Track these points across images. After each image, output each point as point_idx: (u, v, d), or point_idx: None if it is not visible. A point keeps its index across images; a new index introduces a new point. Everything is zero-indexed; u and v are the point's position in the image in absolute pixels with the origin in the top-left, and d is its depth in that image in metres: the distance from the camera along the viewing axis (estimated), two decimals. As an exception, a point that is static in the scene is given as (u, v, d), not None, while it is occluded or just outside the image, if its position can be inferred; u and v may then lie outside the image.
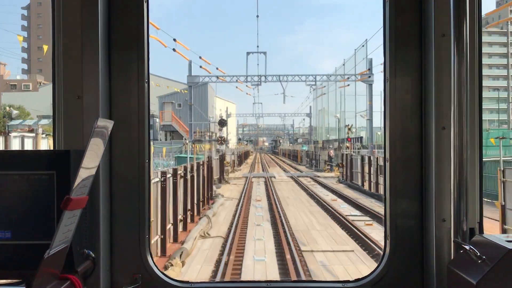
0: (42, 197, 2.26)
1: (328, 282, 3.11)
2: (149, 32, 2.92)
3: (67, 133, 2.68)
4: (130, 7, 2.83)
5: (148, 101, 2.88)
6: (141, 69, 2.84)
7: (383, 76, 2.92)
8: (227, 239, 16.53)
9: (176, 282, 2.87)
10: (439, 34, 2.67)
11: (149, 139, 2.90)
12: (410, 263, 2.83)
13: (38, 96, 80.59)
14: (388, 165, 2.85)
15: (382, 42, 2.95)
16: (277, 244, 15.72)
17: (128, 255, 2.83)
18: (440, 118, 2.68)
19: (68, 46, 2.68)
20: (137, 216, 2.84)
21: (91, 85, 2.68)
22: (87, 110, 2.67)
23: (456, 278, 2.40)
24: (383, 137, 2.96)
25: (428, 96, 2.75)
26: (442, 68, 2.66)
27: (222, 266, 13.16)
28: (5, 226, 2.25)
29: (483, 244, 2.35)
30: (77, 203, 2.02)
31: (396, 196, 2.83)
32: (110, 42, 2.82)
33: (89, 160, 2.06)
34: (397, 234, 2.83)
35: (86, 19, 2.67)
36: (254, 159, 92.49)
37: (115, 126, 2.72)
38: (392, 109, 2.83)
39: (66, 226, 2.00)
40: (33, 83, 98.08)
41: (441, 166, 2.67)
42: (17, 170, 2.27)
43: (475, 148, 2.68)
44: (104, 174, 2.74)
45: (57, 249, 1.97)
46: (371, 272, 2.90)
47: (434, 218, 2.68)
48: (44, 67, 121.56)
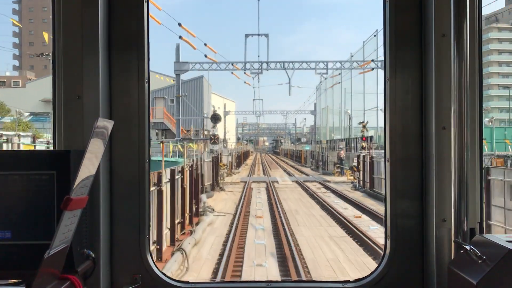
0: (42, 197, 2.26)
1: (329, 282, 3.11)
2: (149, 32, 2.92)
3: (67, 133, 2.68)
4: (130, 7, 2.83)
5: (149, 101, 2.88)
6: (141, 69, 2.84)
7: (383, 76, 2.92)
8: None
9: (176, 282, 2.87)
10: (439, 34, 2.67)
11: (149, 139, 2.90)
12: (411, 263, 2.83)
13: (25, 92, 77.99)
14: (389, 165, 2.85)
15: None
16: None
17: (128, 255, 2.83)
18: (441, 118, 2.68)
19: (68, 46, 2.68)
20: (137, 216, 2.83)
21: (91, 85, 2.67)
22: (87, 110, 2.67)
23: (456, 278, 2.40)
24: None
25: (429, 96, 2.75)
26: (442, 68, 2.66)
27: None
28: (5, 226, 2.25)
29: (484, 244, 2.35)
30: (77, 203, 2.02)
31: (396, 196, 2.83)
32: (110, 42, 2.81)
33: (89, 160, 2.06)
34: (397, 234, 2.83)
35: (86, 19, 2.67)
36: (254, 160, 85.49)
37: (115, 126, 2.72)
38: (392, 109, 2.83)
39: (66, 226, 1.99)
40: (23, 79, 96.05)
41: (442, 166, 2.67)
42: (17, 170, 2.27)
43: (475, 148, 2.68)
44: (104, 174, 2.73)
45: (57, 249, 1.97)
46: (372, 272, 2.90)
47: (435, 218, 2.68)
48: (36, 63, 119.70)
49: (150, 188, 2.95)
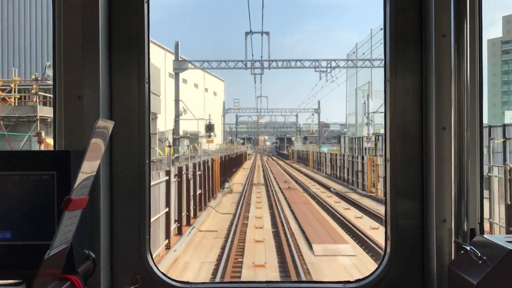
0: (43, 198, 2.26)
1: (329, 283, 3.11)
2: (150, 32, 2.92)
3: (68, 133, 2.68)
4: (130, 7, 2.83)
5: (149, 101, 2.88)
6: (141, 69, 2.84)
7: (384, 76, 2.92)
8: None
9: (176, 282, 2.87)
10: (439, 34, 2.67)
11: (150, 139, 2.90)
12: (411, 264, 2.82)
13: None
14: (389, 165, 2.85)
15: None
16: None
17: (128, 255, 2.83)
18: (441, 118, 2.68)
19: (68, 46, 2.68)
20: (138, 216, 2.84)
21: (91, 85, 2.68)
22: (87, 110, 2.67)
23: (456, 279, 2.40)
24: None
25: (429, 96, 2.75)
26: (443, 68, 2.66)
27: None
28: (5, 227, 2.25)
29: (484, 244, 2.35)
30: (78, 203, 2.02)
31: (396, 197, 2.83)
32: (111, 42, 2.82)
33: (89, 161, 2.06)
34: (397, 235, 2.83)
35: (86, 19, 2.67)
36: (252, 168, 55.21)
37: (116, 126, 2.72)
38: (393, 109, 2.83)
39: (66, 227, 1.99)
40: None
41: (442, 166, 2.67)
42: (18, 171, 2.27)
43: (475, 148, 2.68)
44: (104, 174, 2.73)
45: (58, 250, 1.97)
46: (372, 272, 2.90)
47: (435, 218, 2.68)
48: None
49: (150, 188, 2.96)
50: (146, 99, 2.85)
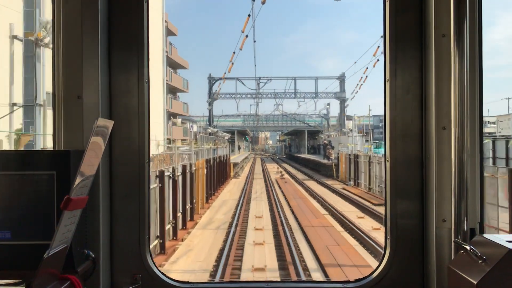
0: (42, 197, 2.26)
1: (329, 283, 3.11)
2: (149, 32, 2.92)
3: (67, 133, 2.68)
4: (130, 7, 2.83)
5: (148, 101, 2.88)
6: (141, 69, 2.84)
7: (383, 76, 2.92)
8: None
9: (176, 282, 2.87)
10: (439, 34, 2.67)
11: (149, 139, 2.90)
12: (411, 263, 2.83)
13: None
14: (389, 165, 2.85)
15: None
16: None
17: (128, 255, 2.83)
18: (441, 118, 2.68)
19: (68, 46, 2.68)
20: (137, 216, 2.84)
21: (91, 85, 2.67)
22: (87, 110, 2.67)
23: (456, 278, 2.40)
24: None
25: (429, 96, 2.75)
26: (443, 68, 2.66)
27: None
28: (5, 226, 2.25)
29: (484, 244, 2.35)
30: (77, 203, 2.02)
31: (396, 196, 2.83)
32: (110, 42, 2.81)
33: (89, 160, 2.06)
34: (397, 234, 2.83)
35: (86, 19, 2.67)
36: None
37: (115, 126, 2.72)
38: (393, 109, 2.83)
39: (66, 226, 1.99)
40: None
41: (442, 166, 2.67)
42: (17, 170, 2.27)
43: (475, 148, 2.68)
44: (104, 174, 2.73)
45: (57, 249, 1.97)
46: (372, 272, 2.90)
47: (435, 218, 2.68)
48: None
49: (150, 188, 2.95)
50: (146, 99, 2.85)
